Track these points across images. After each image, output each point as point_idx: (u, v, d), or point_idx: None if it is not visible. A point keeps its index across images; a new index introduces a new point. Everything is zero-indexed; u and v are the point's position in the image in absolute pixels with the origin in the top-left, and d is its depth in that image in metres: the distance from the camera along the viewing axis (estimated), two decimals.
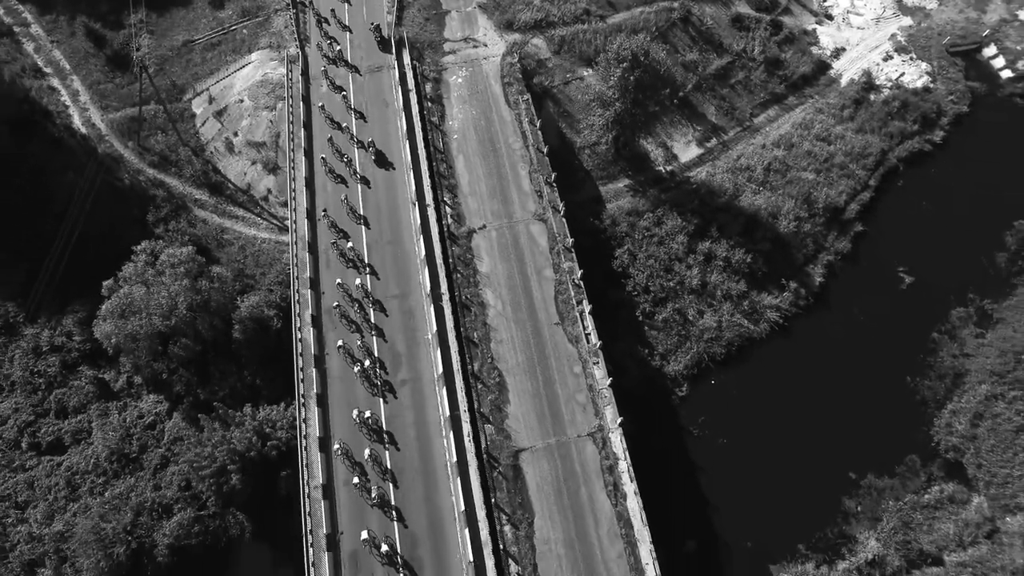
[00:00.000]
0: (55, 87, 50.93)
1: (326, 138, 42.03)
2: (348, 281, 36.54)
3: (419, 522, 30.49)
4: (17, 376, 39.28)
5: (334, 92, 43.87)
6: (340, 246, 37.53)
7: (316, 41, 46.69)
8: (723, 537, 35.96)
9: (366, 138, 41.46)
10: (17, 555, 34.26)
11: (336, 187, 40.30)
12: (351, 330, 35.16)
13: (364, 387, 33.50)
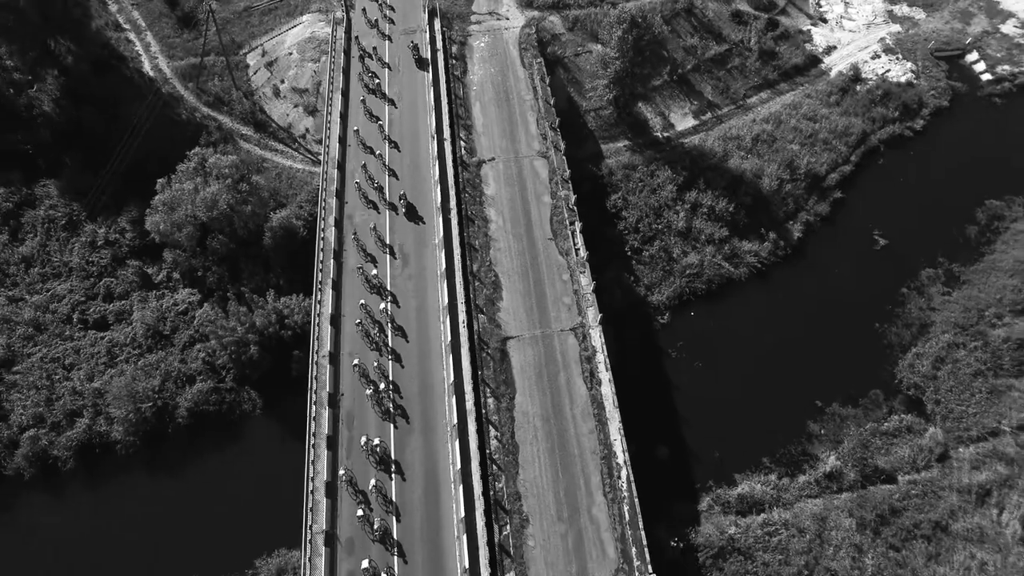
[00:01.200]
0: (131, 40, 58.50)
1: (361, 84, 48.11)
2: (370, 193, 41.71)
3: (412, 390, 34.24)
4: (74, 264, 44.75)
5: (371, 50, 50.15)
6: (367, 164, 42.67)
7: (361, 6, 53.43)
8: (693, 447, 38.73)
9: (395, 88, 47.36)
10: (62, 404, 38.74)
11: (367, 121, 45.71)
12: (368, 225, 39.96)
13: (366, 287, 37.88)
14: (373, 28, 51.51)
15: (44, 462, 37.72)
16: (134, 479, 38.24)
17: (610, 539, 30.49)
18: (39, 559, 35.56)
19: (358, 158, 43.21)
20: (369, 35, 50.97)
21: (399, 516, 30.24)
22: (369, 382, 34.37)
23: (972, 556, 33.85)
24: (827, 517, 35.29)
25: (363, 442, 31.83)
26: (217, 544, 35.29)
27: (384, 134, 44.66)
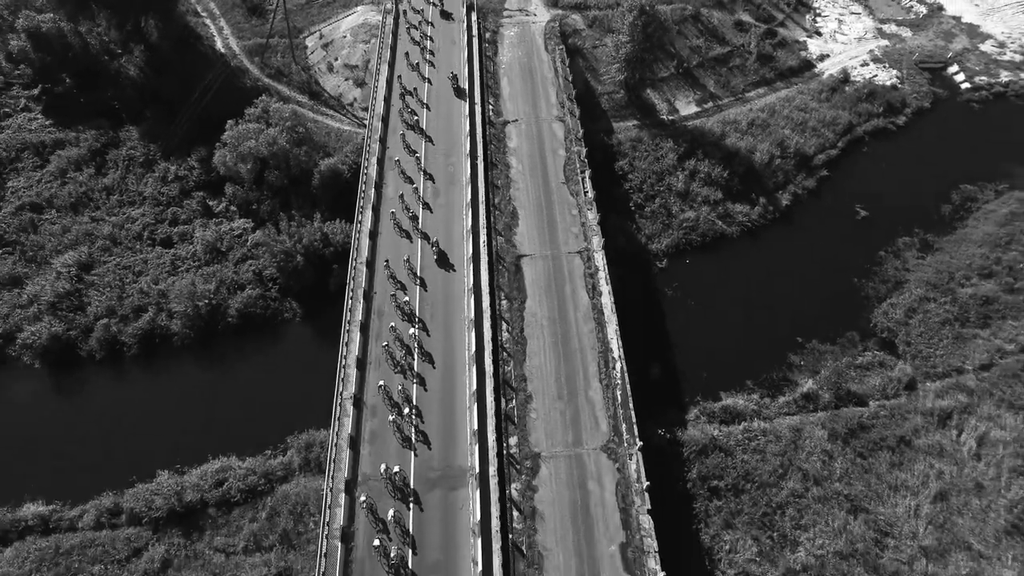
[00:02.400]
0: (207, 24, 67.25)
1: (404, 63, 55.30)
2: (409, 142, 47.93)
3: (436, 296, 39.25)
4: (148, 194, 51.36)
5: (415, 35, 57.61)
6: (407, 119, 49.08)
7: None
8: (683, 368, 42.87)
9: (437, 61, 54.49)
10: (130, 301, 44.41)
11: (409, 93, 52.67)
12: (406, 174, 45.94)
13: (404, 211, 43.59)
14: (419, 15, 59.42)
15: (112, 347, 43.29)
16: (186, 367, 43.51)
17: (603, 416, 34.73)
18: (102, 427, 40.56)
19: (399, 120, 50.11)
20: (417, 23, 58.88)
21: (424, 385, 35.09)
22: (398, 282, 39.72)
23: (931, 466, 37.26)
24: (802, 429, 39.06)
25: (391, 327, 36.94)
26: (255, 424, 39.97)
27: (424, 102, 51.55)
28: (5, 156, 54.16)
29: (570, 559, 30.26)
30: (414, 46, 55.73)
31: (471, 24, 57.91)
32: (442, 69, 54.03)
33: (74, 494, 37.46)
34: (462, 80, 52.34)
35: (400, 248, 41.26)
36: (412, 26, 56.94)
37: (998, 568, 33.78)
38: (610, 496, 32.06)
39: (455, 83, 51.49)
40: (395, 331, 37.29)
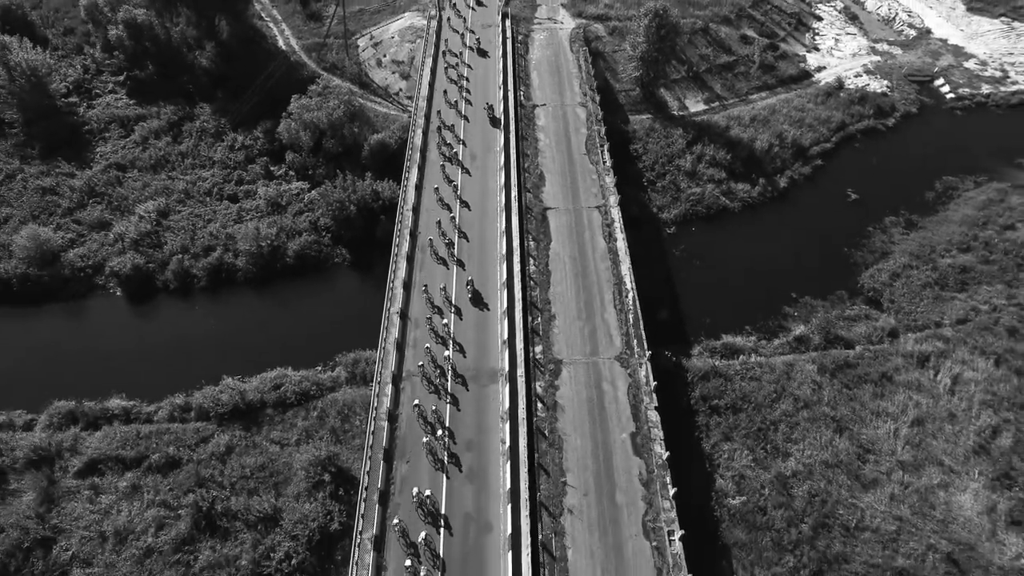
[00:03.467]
0: (270, 26, 76.05)
1: (443, 61, 62.73)
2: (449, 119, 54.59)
3: (474, 238, 44.86)
4: (217, 158, 58.54)
5: (456, 36, 65.26)
6: (448, 97, 55.91)
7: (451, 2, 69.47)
8: (688, 313, 47.83)
9: (474, 60, 61.80)
10: (201, 241, 50.62)
11: (450, 84, 59.83)
12: (446, 142, 52.37)
13: (444, 179, 49.80)
14: (461, 19, 67.30)
15: (184, 279, 49.33)
16: (248, 298, 49.35)
17: (617, 334, 39.74)
18: (174, 343, 46.17)
19: (441, 101, 57.12)
20: (458, 27, 66.70)
21: (460, 315, 40.42)
22: (441, 229, 45.47)
23: (910, 398, 41.51)
24: (794, 364, 43.60)
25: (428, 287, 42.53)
26: (308, 345, 45.30)
27: (464, 88, 58.51)
28: (96, 127, 62.04)
29: (586, 443, 34.86)
30: (452, 57, 63.30)
31: (505, 28, 65.71)
32: (478, 68, 61.37)
33: (150, 394, 42.78)
34: (498, 73, 59.65)
35: (442, 201, 47.58)
36: (452, 42, 64.20)
37: (966, 480, 37.66)
38: (622, 395, 36.83)
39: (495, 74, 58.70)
40: (432, 244, 43.25)
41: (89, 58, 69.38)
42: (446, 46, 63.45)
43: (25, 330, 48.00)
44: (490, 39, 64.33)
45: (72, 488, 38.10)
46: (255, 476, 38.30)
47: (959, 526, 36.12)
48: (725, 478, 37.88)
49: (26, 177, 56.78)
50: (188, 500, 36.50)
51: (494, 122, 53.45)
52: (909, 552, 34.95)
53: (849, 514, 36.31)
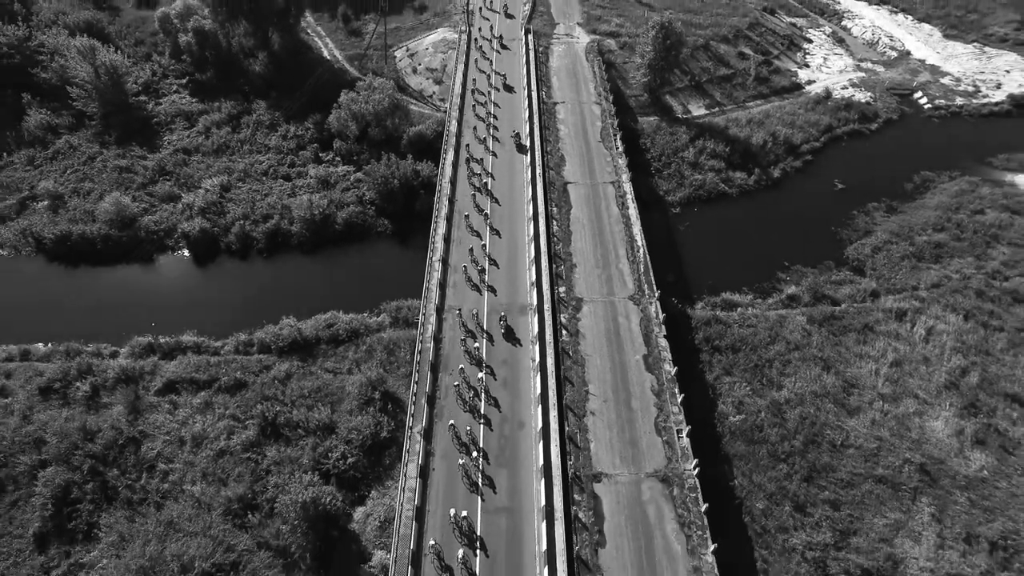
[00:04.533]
0: (316, 40, 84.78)
1: (474, 67, 70.67)
2: (479, 113, 61.81)
3: (503, 210, 51.30)
4: (272, 145, 65.79)
5: (483, 54, 73.37)
6: (477, 99, 63.24)
7: (478, 25, 77.93)
8: (692, 276, 53.58)
9: (501, 69, 69.54)
10: (259, 210, 57.21)
11: (479, 121, 67.58)
12: (480, 126, 59.45)
13: (476, 167, 56.68)
14: (489, 42, 75.62)
15: (245, 242, 55.75)
16: (300, 259, 55.49)
17: (630, 279, 45.58)
18: (236, 293, 52.28)
19: (471, 98, 64.53)
20: (485, 48, 74.99)
21: (497, 264, 46.56)
22: (476, 203, 51.82)
23: (889, 344, 46.82)
24: (786, 316, 49.05)
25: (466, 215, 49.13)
26: (356, 296, 51.08)
27: (492, 83, 66.01)
28: (163, 120, 69.79)
29: (605, 362, 40.24)
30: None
31: (527, 41, 73.96)
32: (504, 72, 69.14)
33: (217, 332, 48.53)
34: (521, 79, 67.36)
35: (475, 174, 54.18)
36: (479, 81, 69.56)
37: (938, 410, 42.58)
38: (635, 326, 42.38)
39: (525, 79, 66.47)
40: (468, 219, 49.46)
41: (156, 63, 77.93)
42: (477, 48, 71.60)
43: (106, 282, 54.23)
44: (515, 77, 69.18)
45: (154, 403, 43.54)
46: (312, 396, 43.71)
47: (931, 446, 40.91)
48: (726, 404, 42.95)
49: (105, 158, 64.16)
50: (255, 411, 41.88)
51: (521, 148, 57.41)
52: (888, 464, 39.74)
53: (835, 434, 41.24)
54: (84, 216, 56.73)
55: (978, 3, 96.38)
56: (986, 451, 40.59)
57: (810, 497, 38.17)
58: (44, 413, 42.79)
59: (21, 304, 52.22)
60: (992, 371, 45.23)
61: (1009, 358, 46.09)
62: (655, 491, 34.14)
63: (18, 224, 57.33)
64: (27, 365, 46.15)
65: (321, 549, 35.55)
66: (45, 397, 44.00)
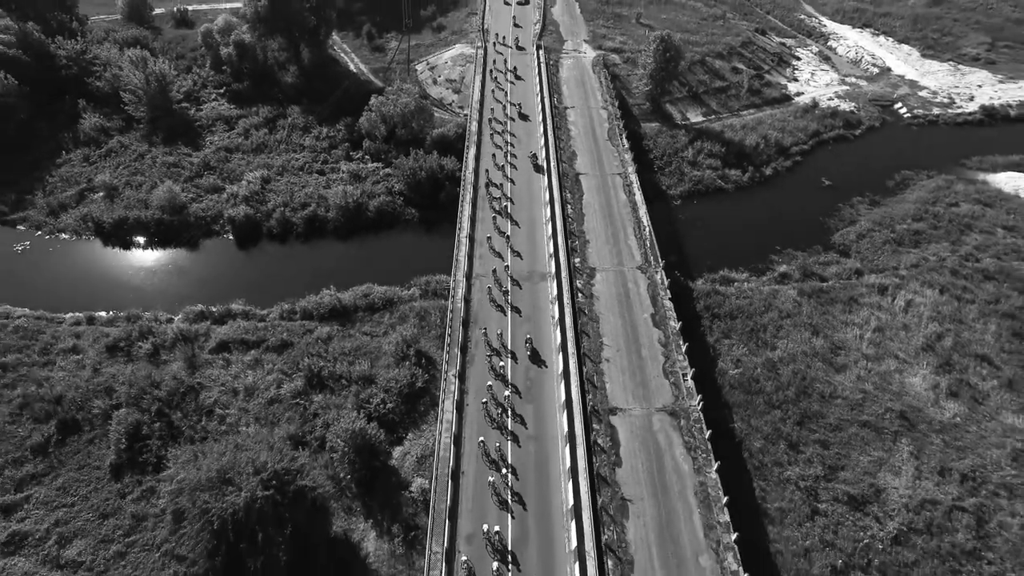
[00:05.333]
0: (342, 56, 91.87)
1: (492, 99, 77.26)
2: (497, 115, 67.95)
3: (521, 199, 56.79)
4: (306, 145, 71.79)
5: (499, 85, 79.90)
6: (496, 128, 69.10)
7: (492, 41, 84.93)
8: (692, 258, 58.69)
9: (516, 99, 75.99)
10: (298, 199, 62.75)
11: (497, 100, 73.97)
12: (499, 153, 65.45)
13: (496, 167, 62.50)
14: (503, 49, 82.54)
15: (285, 227, 61.14)
16: (336, 243, 60.79)
17: (637, 253, 50.80)
18: (277, 272, 57.41)
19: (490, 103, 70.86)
20: (504, 53, 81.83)
21: (516, 234, 51.73)
22: (501, 191, 57.37)
23: (872, 313, 51.67)
24: (779, 290, 53.99)
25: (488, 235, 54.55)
26: (389, 273, 56.04)
27: (508, 113, 72.42)
28: (205, 123, 76.00)
29: (617, 320, 45.14)
30: (500, 74, 77.98)
31: (539, 55, 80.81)
32: (519, 83, 75.76)
33: (262, 303, 53.38)
34: (535, 86, 73.87)
35: (495, 169, 59.93)
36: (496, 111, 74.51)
37: (916, 368, 47.23)
38: (643, 291, 47.35)
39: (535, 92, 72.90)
40: (491, 196, 54.89)
41: (196, 75, 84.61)
42: (492, 79, 78.18)
43: (160, 260, 59.32)
44: (530, 107, 72.35)
45: (209, 360, 48.17)
46: (352, 354, 48.33)
47: (910, 397, 45.46)
48: (725, 361, 47.59)
49: (154, 155, 70.05)
50: (302, 365, 46.44)
51: (538, 168, 60.20)
52: (871, 412, 44.21)
53: (824, 387, 45.82)
54: (138, 204, 62.24)
55: (952, 27, 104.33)
56: (958, 402, 45.15)
57: (802, 438, 42.61)
58: (112, 367, 47.43)
59: (84, 280, 57.24)
60: (964, 336, 50.09)
61: (980, 326, 51.04)
62: (664, 422, 38.66)
63: (78, 211, 62.87)
64: (94, 328, 50.98)
65: (366, 477, 39.81)
66: (111, 355, 48.70)
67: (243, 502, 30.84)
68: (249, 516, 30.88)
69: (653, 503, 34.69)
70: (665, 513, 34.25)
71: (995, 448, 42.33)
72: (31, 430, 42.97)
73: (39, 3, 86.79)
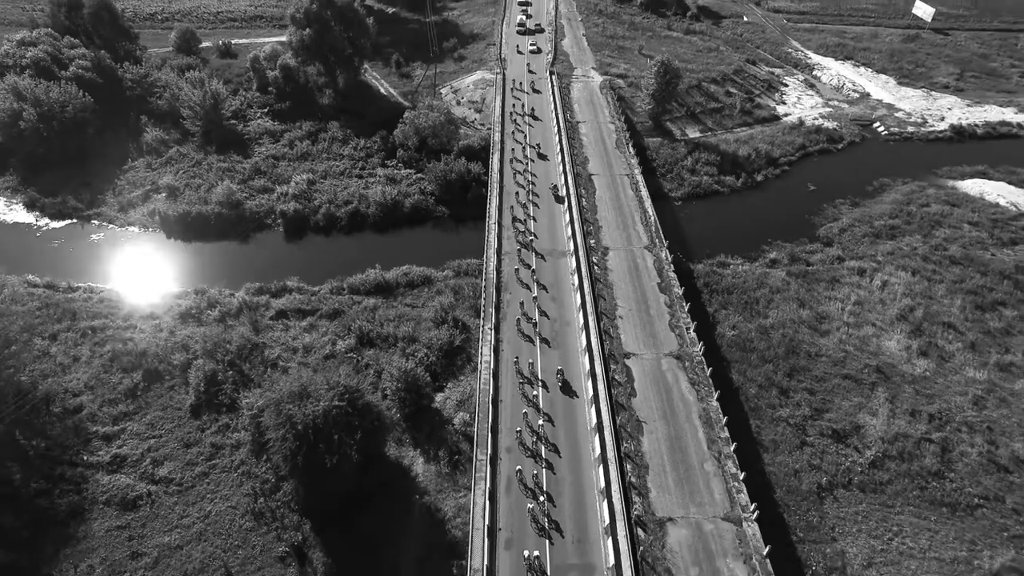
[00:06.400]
0: (373, 81, 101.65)
1: (510, 100, 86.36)
2: (519, 125, 76.43)
3: (543, 191, 64.49)
4: (345, 154, 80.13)
5: (518, 127, 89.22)
6: (517, 167, 77.28)
7: (509, 75, 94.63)
8: (693, 247, 65.79)
9: (534, 140, 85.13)
10: (339, 198, 70.32)
11: (513, 119, 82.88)
12: (522, 192, 73.75)
13: (519, 170, 70.66)
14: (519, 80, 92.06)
15: (330, 221, 68.83)
16: (374, 236, 68.27)
17: (644, 236, 58.14)
18: (323, 256, 64.64)
19: (509, 122, 79.52)
20: (522, 80, 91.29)
21: (537, 217, 59.08)
22: (525, 184, 65.14)
23: (852, 291, 58.34)
24: (769, 272, 60.84)
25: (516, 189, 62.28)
26: (424, 257, 63.10)
27: (528, 154, 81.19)
28: (253, 136, 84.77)
29: (628, 287, 52.08)
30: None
31: (552, 79, 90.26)
32: (535, 101, 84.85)
33: (314, 281, 60.32)
34: (549, 103, 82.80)
35: (519, 176, 67.90)
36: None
37: (891, 334, 53.61)
38: (651, 265, 54.37)
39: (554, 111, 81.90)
40: (518, 195, 62.57)
41: (243, 97, 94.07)
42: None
43: (218, 249, 66.67)
44: (548, 146, 76.17)
45: (269, 325, 54.84)
46: (396, 320, 54.93)
47: (886, 356, 51.80)
48: (723, 327, 54.08)
49: (210, 162, 78.37)
50: (353, 328, 53.01)
51: (558, 199, 63.55)
52: (852, 367, 50.52)
53: (810, 348, 52.22)
54: (199, 200, 70.05)
55: (925, 60, 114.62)
56: (928, 359, 51.45)
57: (791, 387, 48.77)
58: (185, 330, 54.02)
59: (152, 264, 64.55)
60: (934, 309, 56.68)
61: (947, 300, 57.70)
62: (671, 364, 45.02)
63: (145, 208, 70.65)
64: (167, 300, 57.87)
65: (414, 413, 45.85)
66: (184, 321, 55.43)
67: (321, 410, 37.07)
68: (326, 422, 37.04)
69: (663, 424, 40.81)
70: (674, 430, 40.35)
71: (958, 395, 48.49)
72: (121, 378, 49.46)
73: (108, 35, 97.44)
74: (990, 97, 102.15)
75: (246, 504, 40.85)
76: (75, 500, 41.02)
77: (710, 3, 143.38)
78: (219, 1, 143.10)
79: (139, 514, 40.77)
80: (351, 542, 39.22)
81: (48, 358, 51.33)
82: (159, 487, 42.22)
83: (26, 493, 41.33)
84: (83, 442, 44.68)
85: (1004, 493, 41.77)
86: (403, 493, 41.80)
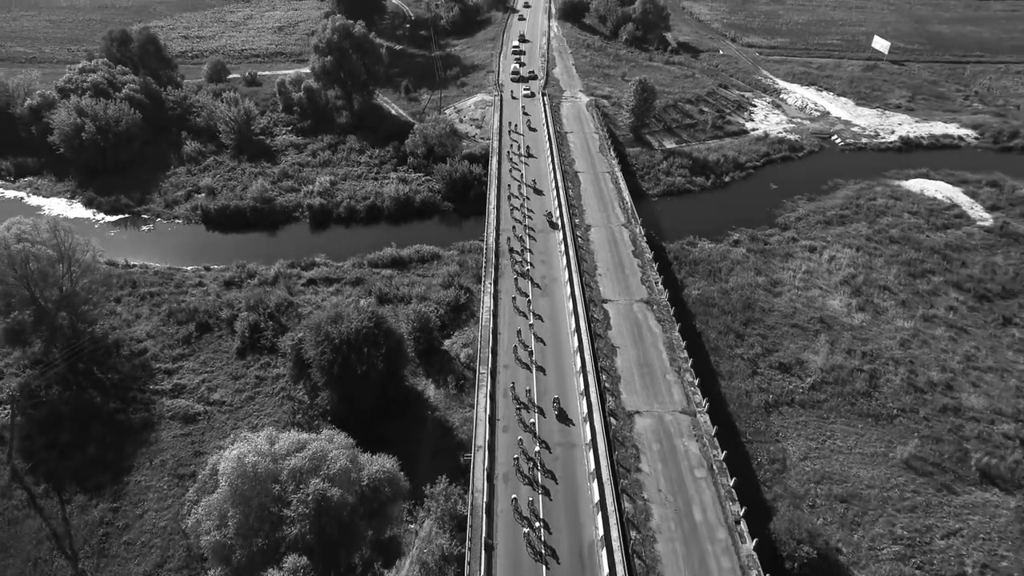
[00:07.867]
0: (384, 103, 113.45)
1: (507, 119, 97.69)
2: (515, 139, 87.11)
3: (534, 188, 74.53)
4: (362, 162, 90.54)
5: (514, 165, 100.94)
6: (513, 135, 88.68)
7: (509, 93, 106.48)
8: (666, 232, 75.20)
9: (529, 177, 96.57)
10: (358, 195, 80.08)
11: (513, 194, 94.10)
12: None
13: (516, 178, 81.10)
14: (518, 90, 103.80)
15: (351, 213, 78.56)
16: (389, 226, 77.86)
17: (621, 215, 67.79)
18: (344, 243, 73.85)
19: (507, 140, 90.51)
20: (521, 103, 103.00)
21: (533, 203, 68.76)
22: (519, 182, 75.13)
23: (803, 263, 67.45)
24: (731, 250, 70.00)
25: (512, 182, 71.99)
26: (433, 239, 72.41)
27: (523, 191, 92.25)
28: (280, 148, 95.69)
29: (606, 254, 61.36)
30: (515, 170, 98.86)
31: (543, 99, 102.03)
32: (534, 178, 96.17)
33: (337, 259, 69.51)
34: (540, 124, 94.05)
35: (514, 171, 78.05)
36: (512, 187, 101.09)
37: (835, 295, 62.40)
38: (627, 238, 63.76)
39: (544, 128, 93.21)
40: (511, 190, 72.35)
41: (270, 116, 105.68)
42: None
43: (251, 237, 76.14)
44: (544, 183, 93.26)
45: (301, 291, 63.68)
46: (409, 286, 63.80)
47: (829, 311, 60.42)
48: (689, 290, 62.93)
49: (244, 168, 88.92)
50: (373, 291, 61.83)
51: (553, 225, 66.37)
52: (799, 319, 59.13)
53: (764, 304, 60.96)
54: (235, 196, 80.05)
55: (881, 85, 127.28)
56: (865, 313, 60.16)
57: (747, 333, 57.34)
58: (229, 294, 62.84)
59: (197, 248, 73.97)
60: (873, 276, 65.73)
61: (884, 270, 66.85)
62: (641, 308, 53.75)
63: (188, 204, 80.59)
64: (212, 272, 66.92)
65: (426, 351, 54.17)
66: (227, 287, 64.37)
67: (354, 328, 45.66)
68: (358, 338, 45.61)
69: (634, 348, 49.29)
70: (642, 353, 48.80)
71: (888, 339, 57.02)
72: (177, 329, 58.03)
73: (153, 65, 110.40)
74: (937, 115, 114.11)
75: (287, 418, 48.90)
76: (146, 416, 49.10)
77: (690, 39, 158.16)
78: (243, 41, 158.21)
79: (198, 426, 48.85)
80: (375, 446, 47.05)
81: (115, 316, 60.12)
82: (213, 407, 50.33)
83: (106, 411, 49.40)
84: (148, 375, 52.99)
85: (919, 407, 49.89)
86: (418, 410, 49.93)
